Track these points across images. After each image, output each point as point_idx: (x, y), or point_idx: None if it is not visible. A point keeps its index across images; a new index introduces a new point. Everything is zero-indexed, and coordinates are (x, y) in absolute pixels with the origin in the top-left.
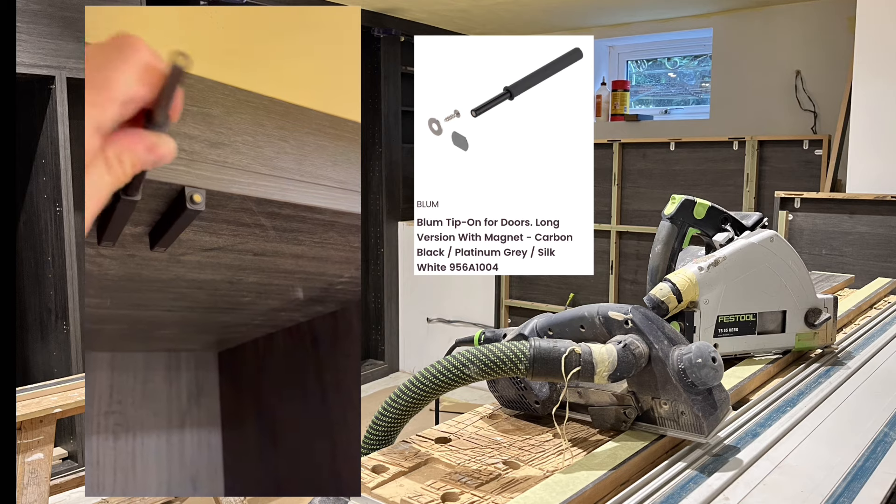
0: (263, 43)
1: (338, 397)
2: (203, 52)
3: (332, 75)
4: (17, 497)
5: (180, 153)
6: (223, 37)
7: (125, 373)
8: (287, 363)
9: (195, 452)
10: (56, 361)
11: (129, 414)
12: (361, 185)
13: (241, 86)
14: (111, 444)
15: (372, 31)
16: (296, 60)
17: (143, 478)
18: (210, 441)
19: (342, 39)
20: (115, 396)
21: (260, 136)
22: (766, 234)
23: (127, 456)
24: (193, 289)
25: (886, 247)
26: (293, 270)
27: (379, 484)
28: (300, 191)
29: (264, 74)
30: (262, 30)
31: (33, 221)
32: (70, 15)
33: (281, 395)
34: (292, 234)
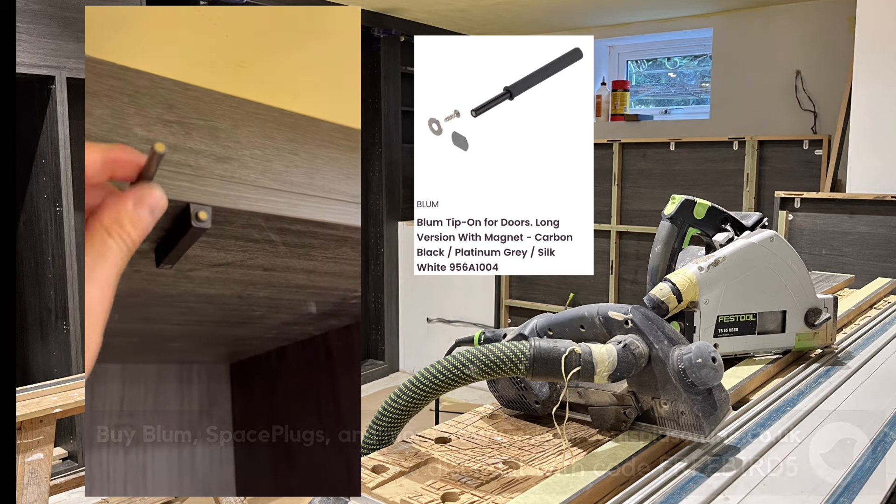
0: (268, 48)
1: (345, 402)
2: (208, 60)
3: (333, 80)
4: (17, 497)
5: (185, 169)
6: (229, 44)
7: (136, 384)
8: (300, 375)
9: (206, 466)
10: (56, 361)
11: (140, 425)
12: (361, 185)
13: (248, 97)
14: (121, 458)
15: (372, 31)
16: (298, 65)
17: (153, 489)
18: (222, 455)
19: (342, 40)
20: (126, 408)
21: (269, 150)
22: (766, 234)
23: (137, 469)
24: (203, 303)
25: (886, 247)
26: (305, 285)
27: (379, 484)
28: (311, 206)
29: (272, 84)
30: (263, 31)
31: (33, 221)
32: (70, 15)
33: (294, 406)
34: (304, 249)
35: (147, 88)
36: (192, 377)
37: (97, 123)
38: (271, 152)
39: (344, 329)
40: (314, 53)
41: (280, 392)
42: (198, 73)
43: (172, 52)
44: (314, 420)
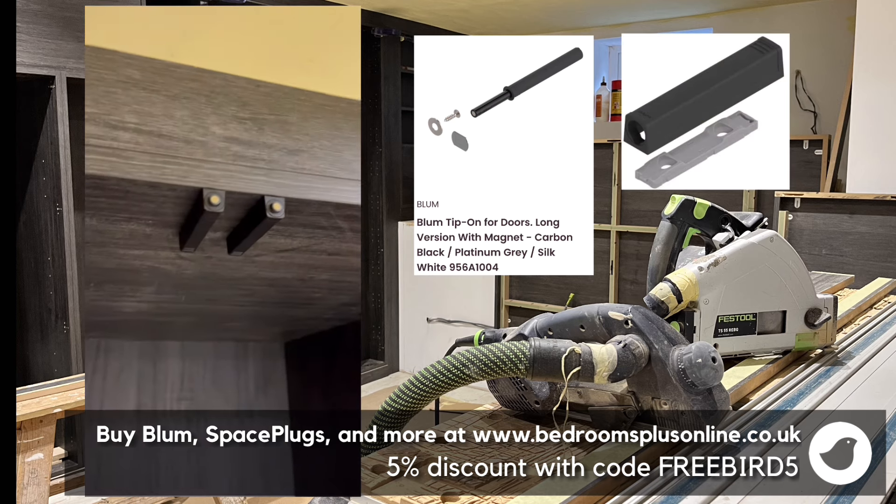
0: (330, 44)
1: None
2: (279, 57)
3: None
4: (17, 497)
5: (259, 163)
6: (298, 42)
7: (196, 362)
8: (341, 359)
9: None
10: (56, 361)
11: (199, 401)
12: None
13: (316, 89)
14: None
15: (372, 31)
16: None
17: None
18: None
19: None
20: (187, 384)
21: (337, 140)
22: (766, 234)
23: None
24: (265, 286)
25: (886, 247)
26: (359, 268)
27: (379, 484)
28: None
29: (336, 77)
30: (328, 29)
31: (33, 221)
32: (70, 15)
33: (340, 388)
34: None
35: (222, 88)
36: (247, 354)
37: (179, 125)
38: (340, 142)
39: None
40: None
41: (335, 374)
42: (268, 70)
43: (245, 52)
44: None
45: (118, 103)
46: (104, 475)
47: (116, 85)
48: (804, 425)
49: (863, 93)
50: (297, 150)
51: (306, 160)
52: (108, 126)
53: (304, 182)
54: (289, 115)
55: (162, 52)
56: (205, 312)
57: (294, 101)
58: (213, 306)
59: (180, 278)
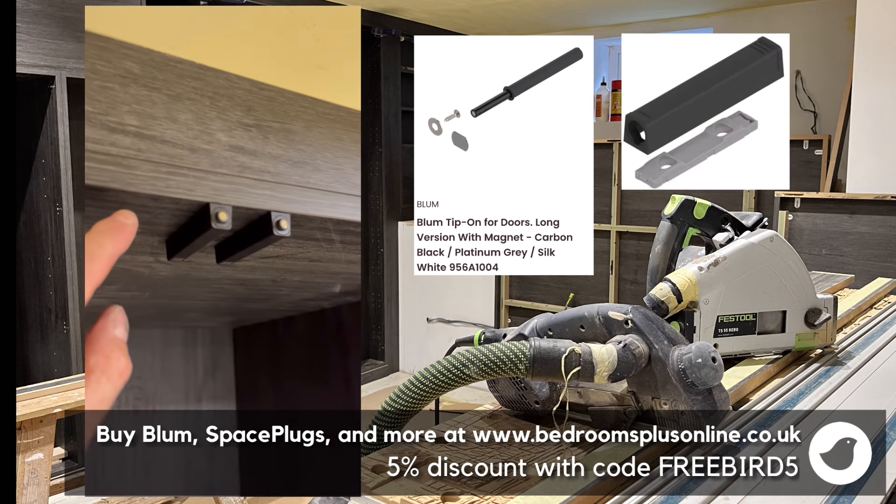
0: (341, 50)
1: (346, 393)
2: (292, 61)
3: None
4: (17, 497)
5: (265, 175)
6: (314, 45)
7: (144, 350)
8: (306, 347)
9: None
10: (56, 361)
11: (148, 389)
12: (361, 186)
13: (317, 95)
14: (130, 419)
15: (372, 31)
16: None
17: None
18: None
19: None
20: (136, 372)
21: (338, 152)
22: (766, 234)
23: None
24: (236, 285)
25: (886, 247)
26: (340, 272)
27: (379, 484)
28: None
29: (337, 80)
30: (342, 33)
31: (33, 221)
32: (70, 15)
33: (297, 379)
34: (356, 245)
35: (225, 89)
36: (196, 340)
37: (183, 130)
38: (340, 154)
39: (354, 305)
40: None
41: (284, 362)
42: (269, 71)
43: (246, 51)
44: (317, 393)
45: (116, 101)
46: (104, 475)
47: (114, 79)
48: (804, 425)
49: (863, 93)
50: (301, 161)
51: (310, 173)
52: (107, 129)
53: (311, 198)
54: (293, 123)
55: (162, 46)
56: (165, 307)
57: (297, 108)
58: (175, 301)
59: (152, 279)
